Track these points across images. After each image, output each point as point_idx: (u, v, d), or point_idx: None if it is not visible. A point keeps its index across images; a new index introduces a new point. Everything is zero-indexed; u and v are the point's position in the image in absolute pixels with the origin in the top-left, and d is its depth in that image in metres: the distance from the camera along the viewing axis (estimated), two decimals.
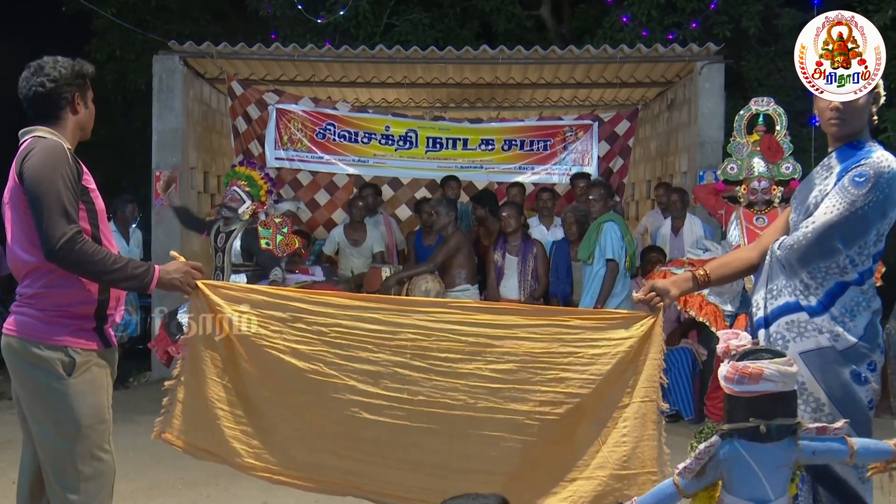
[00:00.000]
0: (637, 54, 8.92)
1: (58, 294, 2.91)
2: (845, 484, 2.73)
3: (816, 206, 2.79)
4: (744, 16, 11.83)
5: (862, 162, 2.73)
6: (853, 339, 2.72)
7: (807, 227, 2.77)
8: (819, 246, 2.73)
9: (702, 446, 2.46)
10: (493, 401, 3.12)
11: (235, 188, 6.65)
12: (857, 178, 2.70)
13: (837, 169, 2.80)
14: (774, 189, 6.13)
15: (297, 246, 6.95)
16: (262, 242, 6.55)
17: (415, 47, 9.34)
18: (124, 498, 4.17)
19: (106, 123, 14.87)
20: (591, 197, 7.09)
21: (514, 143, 9.77)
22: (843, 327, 2.72)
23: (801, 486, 2.67)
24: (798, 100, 10.61)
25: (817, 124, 2.97)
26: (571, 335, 3.13)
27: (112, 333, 3.10)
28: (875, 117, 2.86)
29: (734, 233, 6.18)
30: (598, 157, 9.73)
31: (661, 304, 3.02)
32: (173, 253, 3.26)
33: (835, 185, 2.76)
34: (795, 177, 6.14)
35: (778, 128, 6.22)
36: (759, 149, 6.17)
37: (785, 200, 6.01)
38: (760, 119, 6.26)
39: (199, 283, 3.17)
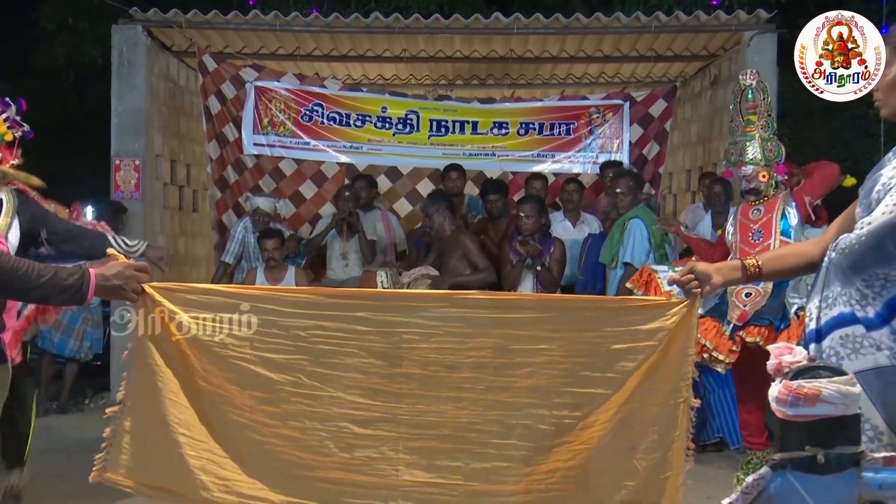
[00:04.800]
0: (675, 23, 8.92)
1: None
2: None
3: (879, 201, 2.78)
4: None
5: None
6: None
7: (862, 227, 2.77)
8: (875, 251, 2.72)
9: (750, 479, 2.47)
10: (503, 405, 3.17)
11: None
12: None
13: None
14: (765, 176, 6.17)
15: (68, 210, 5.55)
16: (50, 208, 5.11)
17: (416, 15, 9.36)
18: None
19: (56, 104, 14.96)
20: (618, 190, 7.13)
21: (531, 126, 9.78)
22: None
23: None
24: None
25: None
26: (592, 328, 3.17)
27: (6, 342, 3.04)
28: None
29: (729, 229, 6.26)
30: (630, 142, 9.75)
31: (699, 290, 3.04)
32: (111, 251, 3.18)
33: None
34: (779, 160, 6.20)
35: (762, 103, 6.29)
36: (749, 130, 6.24)
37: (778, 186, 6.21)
38: (750, 95, 6.32)
39: (145, 286, 3.09)
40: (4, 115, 4.71)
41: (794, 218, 6.07)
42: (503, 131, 9.77)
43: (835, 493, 2.43)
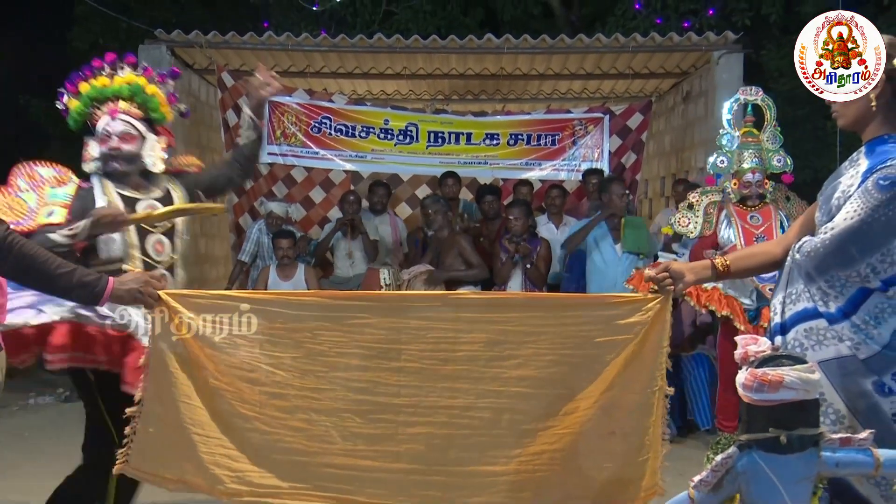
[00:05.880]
0: (651, 43, 8.93)
1: None
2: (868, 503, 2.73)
3: (839, 207, 2.77)
4: (764, 2, 11.84)
5: (889, 162, 2.69)
6: (877, 348, 2.70)
7: (825, 233, 2.76)
8: (836, 255, 2.71)
9: (718, 458, 2.47)
10: (494, 394, 3.17)
11: (121, 118, 3.90)
12: (881, 181, 2.66)
13: (863, 167, 2.78)
14: (766, 183, 6.19)
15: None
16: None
17: (415, 36, 9.34)
18: None
19: None
20: (623, 192, 7.30)
21: (520, 137, 9.78)
22: (866, 335, 2.70)
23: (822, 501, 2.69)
24: None
25: None
26: (575, 323, 3.17)
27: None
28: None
29: (727, 233, 6.21)
30: (610, 152, 9.74)
31: (672, 287, 3.04)
32: (126, 266, 3.16)
33: (859, 185, 2.74)
34: (787, 171, 6.21)
35: (767, 118, 6.29)
36: (749, 140, 6.23)
37: (779, 199, 6.20)
38: (749, 109, 6.33)
39: (161, 293, 3.09)
40: (166, 92, 4.11)
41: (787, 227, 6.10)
42: (495, 142, 9.76)
43: (796, 470, 2.43)
